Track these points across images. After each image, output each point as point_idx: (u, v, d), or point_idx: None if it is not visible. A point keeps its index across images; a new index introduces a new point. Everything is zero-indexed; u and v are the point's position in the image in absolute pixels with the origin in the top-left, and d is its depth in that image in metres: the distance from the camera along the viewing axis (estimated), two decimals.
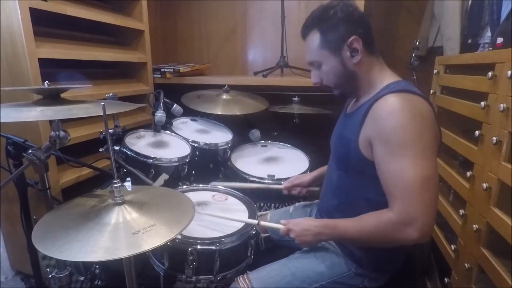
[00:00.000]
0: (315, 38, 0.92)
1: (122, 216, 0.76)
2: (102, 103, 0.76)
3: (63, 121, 0.88)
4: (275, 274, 0.97)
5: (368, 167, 0.86)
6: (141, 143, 1.47)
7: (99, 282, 1.20)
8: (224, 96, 1.79)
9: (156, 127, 1.59)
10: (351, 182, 0.95)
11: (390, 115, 0.80)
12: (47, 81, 0.89)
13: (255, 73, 2.13)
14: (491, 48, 1.22)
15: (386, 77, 0.92)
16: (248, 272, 1.00)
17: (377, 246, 0.91)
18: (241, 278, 0.98)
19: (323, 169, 1.27)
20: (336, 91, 0.99)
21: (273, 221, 1.25)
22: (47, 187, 0.98)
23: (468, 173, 1.05)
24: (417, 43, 1.86)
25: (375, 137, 0.83)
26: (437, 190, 0.80)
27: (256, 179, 1.47)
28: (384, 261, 0.98)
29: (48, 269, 1.07)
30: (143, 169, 1.33)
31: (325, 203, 1.08)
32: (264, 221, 1.09)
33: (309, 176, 1.26)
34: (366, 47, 0.90)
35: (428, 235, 0.78)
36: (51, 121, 0.86)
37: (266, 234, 1.13)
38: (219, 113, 1.67)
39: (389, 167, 0.81)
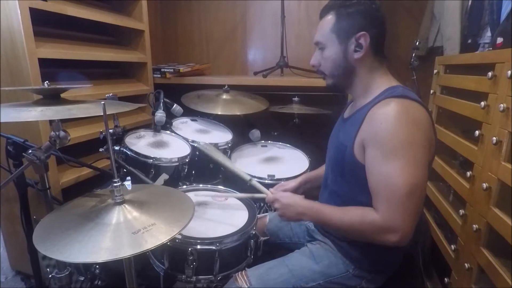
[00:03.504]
0: (330, 19, 0.92)
1: (123, 216, 0.76)
2: (102, 102, 0.76)
3: (63, 121, 0.88)
4: (273, 271, 0.98)
5: (362, 172, 0.86)
6: (141, 143, 1.47)
7: (99, 282, 1.20)
8: (224, 96, 1.79)
9: (156, 127, 1.59)
10: (346, 186, 0.95)
11: (385, 120, 0.80)
12: (47, 81, 0.89)
13: (255, 73, 2.14)
14: (491, 48, 1.21)
15: (385, 82, 0.92)
16: (246, 269, 1.00)
17: (354, 239, 0.93)
18: (239, 275, 0.98)
19: (308, 175, 1.27)
20: (330, 80, 0.98)
21: (274, 223, 1.25)
22: (47, 187, 0.98)
23: (468, 173, 1.05)
24: (417, 43, 1.86)
25: (369, 141, 0.83)
26: (422, 199, 0.81)
27: (256, 179, 1.47)
28: (382, 262, 0.98)
29: (48, 269, 1.07)
30: (143, 169, 1.33)
31: None
32: (256, 182, 1.11)
33: (294, 183, 1.23)
34: (373, 49, 0.90)
35: (407, 241, 0.80)
36: (51, 121, 0.86)
37: (265, 238, 1.13)
38: (219, 113, 1.67)
39: (379, 171, 0.81)
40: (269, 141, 1.86)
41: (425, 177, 0.81)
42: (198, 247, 0.98)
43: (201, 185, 1.37)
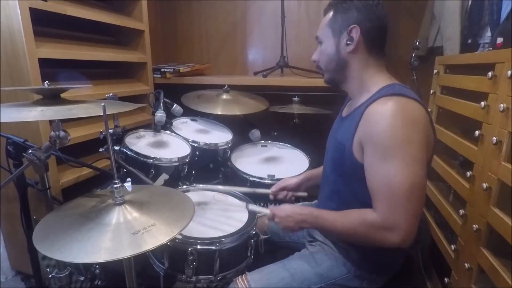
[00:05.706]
0: (328, 15, 0.95)
1: (123, 216, 0.76)
2: (103, 104, 0.76)
3: (63, 121, 0.88)
4: (274, 275, 0.97)
5: (362, 171, 0.85)
6: (141, 143, 1.47)
7: (99, 282, 1.20)
8: (224, 96, 1.79)
9: (156, 127, 1.59)
10: (347, 186, 0.94)
11: (382, 119, 0.79)
12: (47, 81, 0.89)
13: (255, 73, 2.14)
14: (491, 48, 1.21)
15: (382, 80, 0.91)
16: (246, 272, 1.00)
17: (357, 243, 0.92)
18: (239, 279, 0.97)
19: (310, 172, 1.28)
20: (326, 75, 1.00)
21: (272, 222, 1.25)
22: (47, 187, 0.98)
23: (468, 173, 1.05)
24: (417, 43, 1.85)
25: (366, 141, 0.83)
26: (423, 197, 0.81)
27: (256, 179, 1.47)
28: (383, 263, 0.98)
29: (48, 269, 1.07)
30: (143, 169, 1.33)
31: (322, 206, 1.08)
32: (253, 205, 1.11)
33: (296, 179, 1.25)
34: (367, 44, 0.90)
35: (409, 241, 0.79)
36: (51, 121, 0.86)
37: (266, 236, 1.13)
38: (219, 113, 1.67)
39: (377, 171, 0.81)
40: (269, 141, 1.86)
41: (424, 176, 0.80)
42: (198, 247, 0.98)
43: (201, 185, 1.37)
